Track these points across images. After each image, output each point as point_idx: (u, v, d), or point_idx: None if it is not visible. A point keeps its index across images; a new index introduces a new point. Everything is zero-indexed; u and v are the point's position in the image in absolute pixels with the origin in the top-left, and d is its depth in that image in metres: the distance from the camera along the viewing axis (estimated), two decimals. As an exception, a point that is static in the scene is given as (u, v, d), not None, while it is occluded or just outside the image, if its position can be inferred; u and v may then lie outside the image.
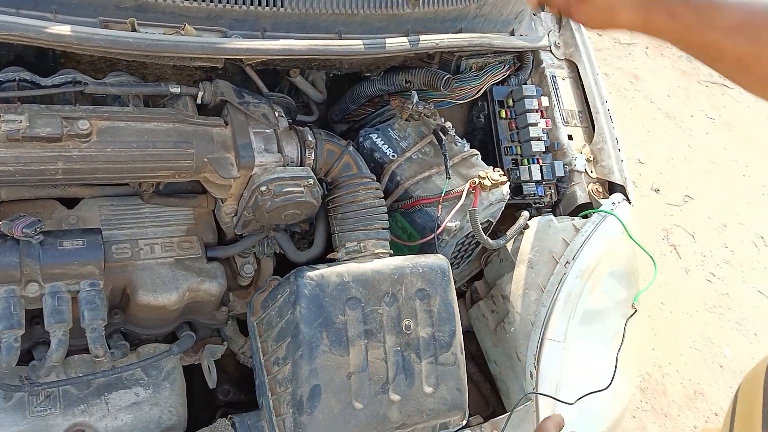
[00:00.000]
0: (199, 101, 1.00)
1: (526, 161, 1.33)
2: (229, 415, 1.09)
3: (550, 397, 1.14)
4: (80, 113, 0.89)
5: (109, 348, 1.00)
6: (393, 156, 1.21)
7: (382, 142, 1.22)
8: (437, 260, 1.11)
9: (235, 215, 1.10)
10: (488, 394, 1.35)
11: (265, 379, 1.08)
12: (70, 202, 1.06)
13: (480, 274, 1.42)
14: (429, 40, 1.10)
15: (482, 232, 1.15)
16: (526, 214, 1.29)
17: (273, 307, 1.08)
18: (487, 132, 1.36)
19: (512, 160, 1.34)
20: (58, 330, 0.90)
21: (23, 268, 0.89)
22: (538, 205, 1.37)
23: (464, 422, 1.14)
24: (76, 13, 0.91)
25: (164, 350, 1.10)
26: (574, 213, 1.36)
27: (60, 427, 0.99)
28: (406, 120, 1.24)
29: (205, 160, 0.98)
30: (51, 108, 0.89)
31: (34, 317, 0.97)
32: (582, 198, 1.36)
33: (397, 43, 1.06)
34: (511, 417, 1.16)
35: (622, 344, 1.19)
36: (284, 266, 1.20)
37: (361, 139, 1.24)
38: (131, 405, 1.06)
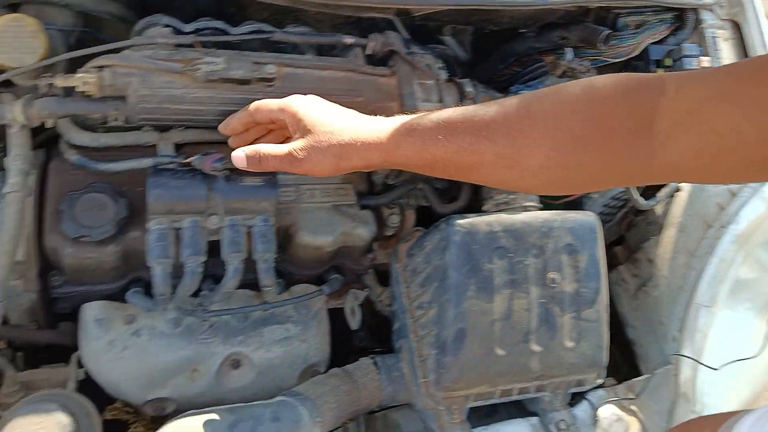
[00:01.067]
0: (369, 52, 1.05)
1: (680, 123, 1.28)
2: (371, 355, 1.15)
3: (694, 360, 1.12)
4: (267, 59, 0.96)
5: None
6: (544, 112, 1.21)
7: (533, 99, 1.22)
8: (586, 217, 1.11)
9: (389, 165, 1.15)
10: (620, 359, 1.35)
11: (407, 323, 1.13)
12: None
13: (617, 241, 1.40)
14: (593, -7, 1.09)
15: (635, 190, 1.14)
16: None
17: (420, 254, 1.13)
18: (639, 93, 1.32)
19: (665, 122, 1.30)
20: (235, 259, 0.99)
21: (209, 201, 0.98)
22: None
23: (600, 381, 1.15)
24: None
25: (315, 290, 1.18)
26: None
27: (220, 354, 1.08)
28: (560, 77, 1.23)
29: (371, 108, 1.03)
30: (242, 53, 0.96)
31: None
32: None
33: (561, -5, 1.06)
34: (650, 380, 1.16)
35: (775, 315, 1.15)
36: (423, 223, 1.24)
37: (512, 95, 1.25)
38: (283, 339, 1.14)
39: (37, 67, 0.92)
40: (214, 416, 0.91)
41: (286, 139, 0.90)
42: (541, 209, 1.13)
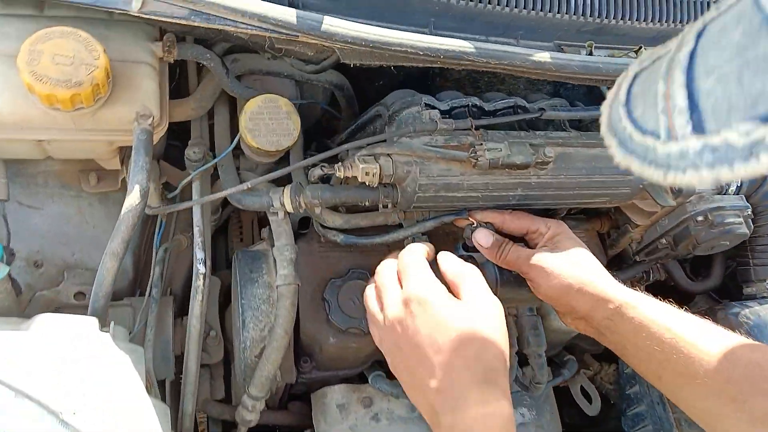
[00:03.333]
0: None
1: None
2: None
3: None
4: (539, 139, 0.89)
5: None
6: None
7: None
8: None
9: (637, 241, 1.06)
10: None
11: (663, 415, 1.04)
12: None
13: None
14: None
15: None
16: None
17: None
18: None
19: None
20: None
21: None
22: None
23: None
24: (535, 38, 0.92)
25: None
26: None
27: None
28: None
29: (641, 186, 0.94)
30: (510, 134, 0.89)
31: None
32: None
33: None
34: None
35: None
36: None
37: None
38: (519, 426, 1.05)
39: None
40: None
41: None
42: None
